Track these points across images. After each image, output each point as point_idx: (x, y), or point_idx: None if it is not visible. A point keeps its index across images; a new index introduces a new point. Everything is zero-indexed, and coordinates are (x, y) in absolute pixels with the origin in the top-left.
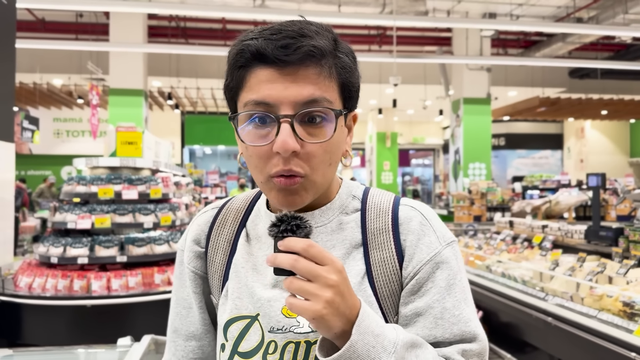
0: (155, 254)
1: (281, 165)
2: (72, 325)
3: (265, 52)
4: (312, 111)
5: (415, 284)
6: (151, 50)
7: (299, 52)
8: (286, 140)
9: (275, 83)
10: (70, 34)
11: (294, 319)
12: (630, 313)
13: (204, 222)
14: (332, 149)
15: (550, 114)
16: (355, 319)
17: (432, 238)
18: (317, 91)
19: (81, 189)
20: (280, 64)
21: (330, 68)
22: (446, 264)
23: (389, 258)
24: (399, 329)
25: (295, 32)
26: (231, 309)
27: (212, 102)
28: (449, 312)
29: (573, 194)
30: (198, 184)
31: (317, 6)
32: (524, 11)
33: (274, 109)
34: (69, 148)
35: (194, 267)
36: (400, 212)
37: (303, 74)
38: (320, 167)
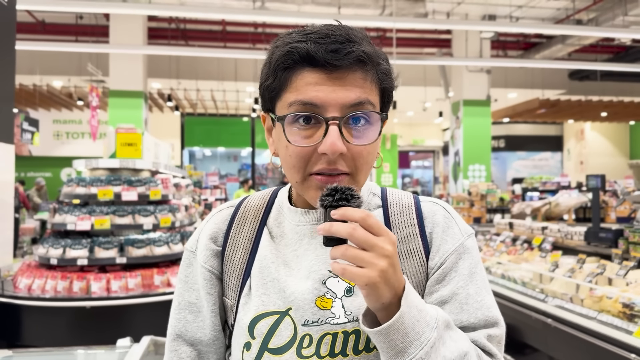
0: (154, 255)
1: (325, 164)
2: (71, 327)
3: (315, 55)
4: (359, 114)
5: (442, 273)
6: (151, 52)
7: (349, 57)
8: (335, 142)
9: (323, 86)
10: (70, 36)
11: (329, 310)
12: (630, 314)
13: (221, 220)
14: (374, 150)
15: (550, 115)
16: (402, 293)
17: (455, 230)
18: (362, 95)
19: (81, 191)
20: (330, 67)
21: (374, 73)
22: (468, 254)
23: (416, 250)
24: (438, 308)
25: (343, 37)
26: (257, 305)
27: (211, 103)
28: (472, 298)
29: (573, 195)
30: (198, 186)
31: (317, 8)
32: (524, 13)
33: (321, 111)
34: (68, 150)
35: (210, 266)
36: (424, 207)
37: (351, 78)
38: (364, 168)
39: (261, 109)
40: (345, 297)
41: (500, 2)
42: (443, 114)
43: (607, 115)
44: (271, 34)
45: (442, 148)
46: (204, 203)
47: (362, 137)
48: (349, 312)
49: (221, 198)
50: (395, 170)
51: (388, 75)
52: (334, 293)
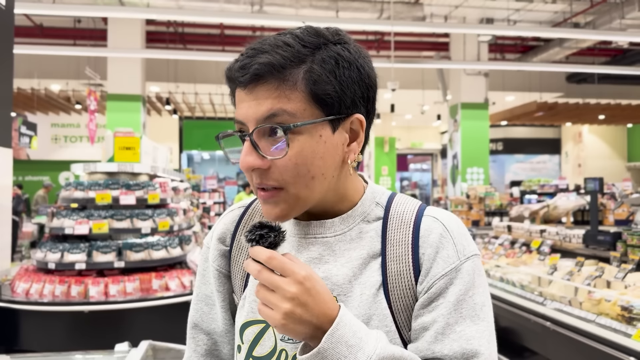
0: (153, 259)
1: (256, 178)
2: (69, 331)
3: (230, 74)
4: (265, 127)
5: (427, 298)
6: (149, 56)
7: (249, 71)
8: (244, 158)
9: (243, 102)
10: (68, 40)
11: None
12: (629, 317)
13: (230, 221)
14: (306, 161)
15: (548, 118)
16: (329, 327)
17: (450, 252)
18: (275, 105)
19: (79, 195)
20: (240, 84)
21: (293, 79)
22: (460, 279)
23: (405, 272)
24: (382, 342)
25: (256, 50)
26: (247, 312)
27: (210, 107)
28: (450, 328)
29: (571, 198)
30: (196, 189)
31: (315, 12)
32: (521, 16)
33: (245, 128)
34: (66, 153)
35: (218, 266)
36: (422, 224)
37: (260, 90)
38: (299, 180)
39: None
40: None
41: (498, 5)
42: (441, 117)
43: (604, 118)
44: None
45: (440, 151)
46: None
47: (281, 148)
48: None
49: (220, 202)
50: (393, 173)
51: (316, 79)
52: None
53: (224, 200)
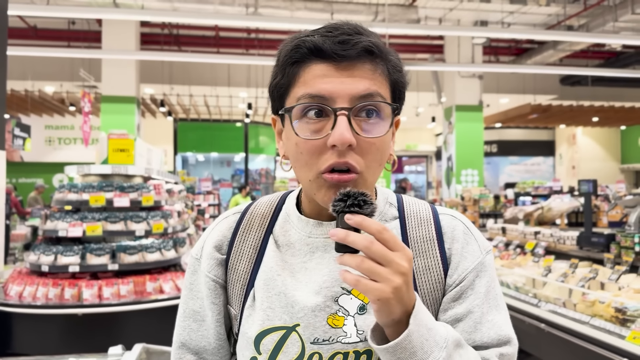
0: (147, 262)
1: (335, 157)
2: (63, 334)
3: (323, 46)
4: (368, 104)
5: (459, 291)
6: (144, 58)
7: (357, 47)
8: (343, 132)
9: (331, 77)
10: (62, 41)
11: (341, 328)
12: (623, 319)
13: (226, 228)
14: (384, 147)
15: (542, 120)
16: (412, 310)
17: (474, 247)
18: (372, 86)
19: (72, 197)
20: (338, 58)
21: (383, 66)
22: (485, 272)
23: (434, 266)
24: (448, 327)
25: (351, 30)
26: (262, 319)
27: (204, 109)
28: (486, 317)
29: (565, 200)
30: (191, 191)
31: (310, 14)
32: (515, 19)
33: (329, 103)
34: (60, 155)
35: (214, 276)
36: (443, 222)
37: (359, 69)
38: (373, 165)
39: (272, 113)
40: (357, 315)
41: (492, 8)
42: (436, 119)
43: (598, 120)
44: (264, 40)
45: (435, 153)
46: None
47: (372, 129)
48: (361, 331)
49: (214, 204)
50: (388, 175)
51: (398, 70)
52: (346, 311)
53: (218, 203)
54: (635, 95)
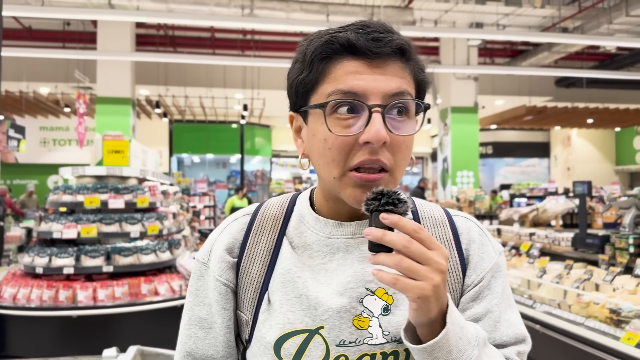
0: (142, 263)
1: (367, 155)
2: (57, 336)
3: (357, 43)
4: (401, 102)
5: (477, 291)
6: (139, 59)
7: (390, 45)
8: (379, 129)
9: (364, 74)
10: (57, 42)
11: (366, 330)
12: (617, 320)
13: (237, 230)
14: (411, 146)
15: (537, 122)
16: (446, 309)
17: (489, 248)
18: (403, 84)
19: (67, 198)
20: (372, 55)
21: (411, 66)
22: (500, 272)
23: (453, 267)
24: (476, 326)
25: (382, 28)
26: (282, 323)
27: (200, 110)
28: (503, 316)
29: (560, 201)
30: (186, 193)
31: (306, 15)
32: (510, 21)
33: (363, 99)
34: (55, 157)
35: (226, 280)
36: (457, 223)
37: (391, 67)
38: (402, 164)
39: (290, 109)
40: (382, 316)
41: (487, 10)
42: (431, 120)
43: (593, 122)
44: (260, 41)
45: (431, 154)
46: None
47: (404, 128)
48: (387, 331)
49: (210, 205)
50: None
51: (422, 70)
52: (370, 312)
53: (214, 204)
54: (629, 97)
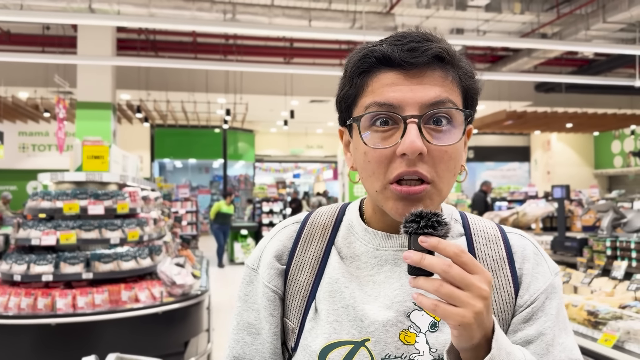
0: (122, 270)
1: (404, 167)
2: (36, 345)
3: (392, 55)
4: (439, 112)
5: (530, 312)
6: (120, 63)
7: (426, 54)
8: (414, 140)
9: (400, 85)
10: (37, 47)
11: (413, 345)
12: (595, 322)
13: (286, 237)
14: (457, 156)
15: (517, 127)
16: (492, 334)
17: (544, 268)
18: (443, 93)
19: (46, 205)
20: (407, 66)
21: (454, 72)
22: (555, 294)
23: (505, 286)
24: (524, 350)
25: (421, 37)
26: (329, 333)
27: (182, 115)
28: (557, 340)
29: (540, 205)
30: (167, 198)
31: (288, 20)
32: (491, 27)
33: (398, 111)
34: (35, 163)
35: (274, 286)
36: (512, 241)
37: (430, 76)
38: (446, 175)
39: (339, 125)
40: (429, 333)
41: (468, 16)
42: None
43: (572, 126)
44: (242, 46)
45: None
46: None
47: (444, 137)
48: (434, 349)
49: (192, 210)
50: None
51: (470, 76)
52: (417, 327)
53: (196, 209)
54: (607, 102)
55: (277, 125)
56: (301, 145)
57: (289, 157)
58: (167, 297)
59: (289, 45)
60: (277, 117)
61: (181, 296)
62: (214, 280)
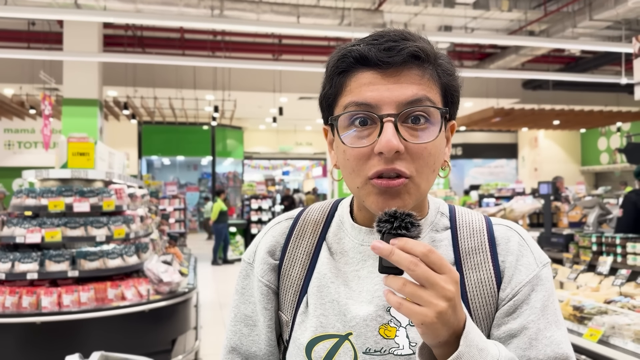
0: (108, 268)
1: (382, 164)
2: (21, 344)
3: (368, 54)
4: (415, 110)
5: (513, 305)
6: (106, 60)
7: (403, 53)
8: (390, 139)
9: (377, 85)
10: (22, 43)
11: (393, 340)
12: (580, 317)
13: (279, 233)
14: (437, 152)
15: (505, 124)
16: (462, 331)
17: (530, 259)
18: (421, 91)
19: (31, 202)
20: (383, 66)
21: (432, 70)
22: (542, 286)
23: (487, 279)
24: (500, 346)
25: (398, 36)
26: (315, 326)
27: (170, 111)
28: (542, 334)
29: (527, 201)
30: (155, 196)
31: (276, 17)
32: (479, 24)
33: (376, 110)
34: (20, 160)
35: (267, 281)
36: (497, 232)
37: (406, 75)
38: (425, 170)
39: (323, 124)
40: (409, 327)
41: (456, 13)
42: None
43: (559, 123)
44: (230, 42)
45: None
46: (161, 213)
47: (422, 135)
48: (414, 342)
49: (180, 208)
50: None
51: (449, 73)
52: (397, 321)
53: (184, 207)
54: (594, 99)
55: (265, 122)
56: (290, 143)
57: (278, 154)
58: (154, 294)
59: (278, 42)
60: (265, 114)
61: (168, 294)
62: (205, 278)
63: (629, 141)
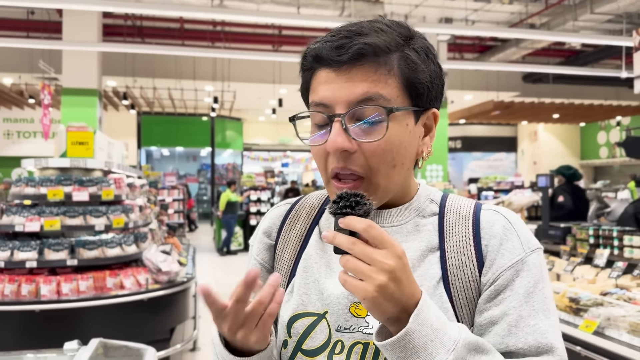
0: (107, 257)
1: (335, 163)
2: (20, 331)
3: (321, 53)
4: (362, 108)
5: (494, 290)
6: (106, 49)
7: (350, 51)
8: (334, 138)
9: (332, 83)
10: (21, 32)
11: (363, 318)
12: (576, 308)
13: (276, 216)
14: (394, 148)
15: (505, 117)
16: (413, 309)
17: (515, 243)
18: (372, 88)
19: (30, 191)
20: (334, 64)
21: (390, 64)
22: (527, 272)
23: (468, 263)
24: (464, 329)
25: (352, 32)
26: (297, 304)
27: (169, 102)
28: (524, 321)
29: (526, 194)
30: (154, 186)
31: (276, 7)
32: (479, 17)
33: (330, 110)
34: (19, 149)
35: (261, 260)
36: (482, 217)
37: (357, 72)
38: (382, 168)
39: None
40: None
41: (457, 5)
42: None
43: (559, 117)
44: (230, 33)
45: None
46: (160, 204)
47: (371, 132)
48: None
49: (179, 199)
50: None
51: (412, 66)
52: None
53: (183, 198)
54: (594, 93)
55: (265, 113)
56: (290, 134)
57: (277, 145)
58: (153, 284)
59: (278, 33)
60: (265, 105)
61: (167, 283)
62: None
63: (628, 135)
